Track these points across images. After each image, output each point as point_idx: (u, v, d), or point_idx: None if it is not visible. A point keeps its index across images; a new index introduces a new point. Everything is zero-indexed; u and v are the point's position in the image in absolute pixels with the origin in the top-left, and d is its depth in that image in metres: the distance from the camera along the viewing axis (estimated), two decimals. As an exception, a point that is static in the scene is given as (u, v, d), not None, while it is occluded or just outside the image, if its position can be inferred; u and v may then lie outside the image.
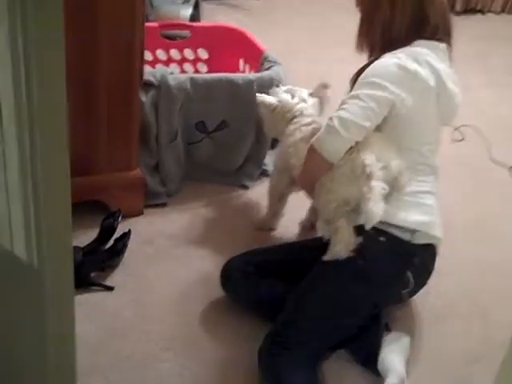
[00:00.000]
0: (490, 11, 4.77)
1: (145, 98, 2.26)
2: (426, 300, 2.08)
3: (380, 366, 1.77)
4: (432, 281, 2.15)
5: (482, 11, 4.75)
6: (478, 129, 3.05)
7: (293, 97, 2.19)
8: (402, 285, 1.85)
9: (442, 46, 1.90)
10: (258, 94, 2.23)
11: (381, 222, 1.73)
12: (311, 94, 2.21)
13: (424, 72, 1.81)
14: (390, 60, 1.82)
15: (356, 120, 1.76)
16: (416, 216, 1.82)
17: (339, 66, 2.09)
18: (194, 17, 3.64)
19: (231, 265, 1.98)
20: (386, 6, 1.88)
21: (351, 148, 1.77)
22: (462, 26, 4.41)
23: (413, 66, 1.80)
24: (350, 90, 1.87)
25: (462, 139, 3.00)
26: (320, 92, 2.21)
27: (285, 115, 2.16)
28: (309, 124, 2.07)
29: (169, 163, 2.40)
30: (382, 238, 1.78)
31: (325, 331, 1.78)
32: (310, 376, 1.72)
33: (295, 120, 2.12)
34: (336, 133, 1.76)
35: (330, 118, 1.79)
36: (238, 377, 1.77)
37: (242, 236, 2.28)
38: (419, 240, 1.82)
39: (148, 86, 2.27)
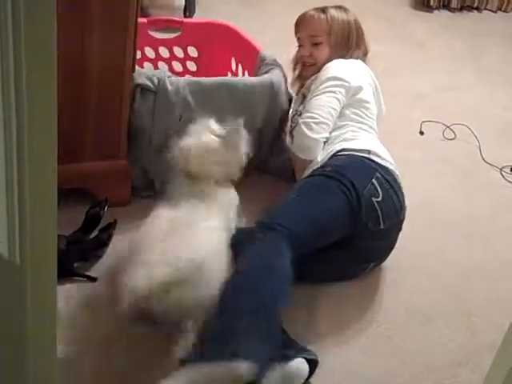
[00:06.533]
0: (486, 9, 4.74)
1: (140, 103, 2.18)
2: (411, 300, 2.07)
3: None
4: (416, 280, 2.15)
5: (478, 9, 4.72)
6: (470, 127, 3.04)
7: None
8: (371, 192, 1.95)
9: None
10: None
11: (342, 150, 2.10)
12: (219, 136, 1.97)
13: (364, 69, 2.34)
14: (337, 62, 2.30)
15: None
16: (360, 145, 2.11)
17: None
18: (189, 6, 3.62)
19: None
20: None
21: None
22: (457, 24, 4.43)
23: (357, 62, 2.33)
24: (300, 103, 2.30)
25: (454, 138, 2.99)
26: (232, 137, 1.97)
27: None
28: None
29: (158, 169, 2.27)
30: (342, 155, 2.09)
31: (307, 225, 1.87)
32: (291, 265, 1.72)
33: None
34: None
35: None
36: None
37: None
38: (375, 158, 2.05)
39: (144, 90, 2.18)
